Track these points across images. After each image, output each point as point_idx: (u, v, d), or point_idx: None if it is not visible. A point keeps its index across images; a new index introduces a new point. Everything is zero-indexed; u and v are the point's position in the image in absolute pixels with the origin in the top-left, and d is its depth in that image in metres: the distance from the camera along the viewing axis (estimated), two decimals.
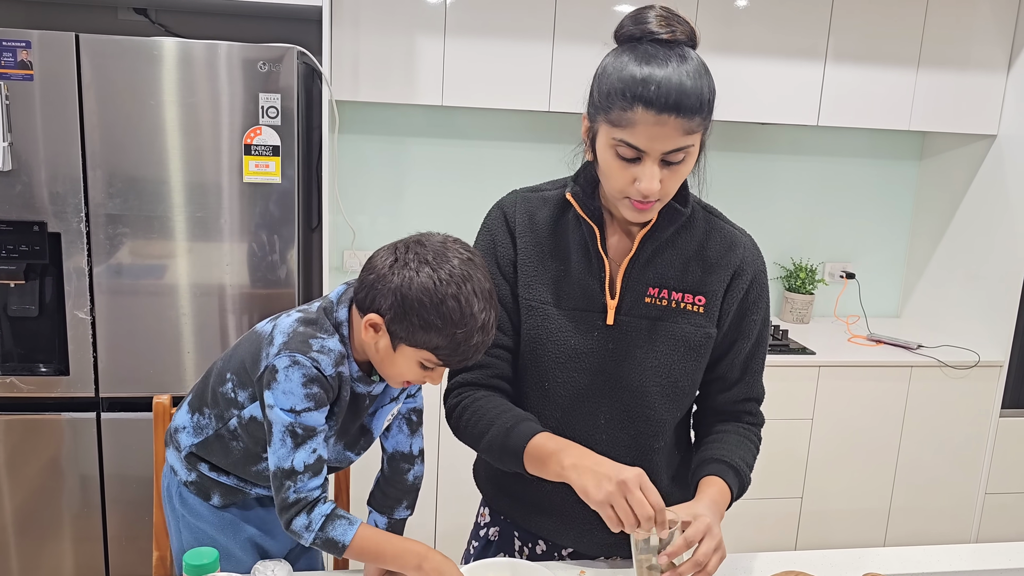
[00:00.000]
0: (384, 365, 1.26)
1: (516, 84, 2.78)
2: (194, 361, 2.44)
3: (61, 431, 2.41)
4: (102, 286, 2.35)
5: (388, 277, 1.19)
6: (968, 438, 3.14)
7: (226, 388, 1.32)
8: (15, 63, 2.18)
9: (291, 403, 1.20)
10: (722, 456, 1.39)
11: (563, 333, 1.35)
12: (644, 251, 1.34)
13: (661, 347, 1.34)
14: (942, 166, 3.41)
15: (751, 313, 1.39)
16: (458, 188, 3.19)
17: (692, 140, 1.19)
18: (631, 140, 1.18)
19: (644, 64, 1.17)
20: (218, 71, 2.29)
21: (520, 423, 1.32)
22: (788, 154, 3.42)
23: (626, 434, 1.38)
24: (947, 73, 3.03)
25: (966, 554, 1.60)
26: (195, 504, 1.42)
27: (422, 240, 1.22)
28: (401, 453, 1.46)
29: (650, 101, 1.15)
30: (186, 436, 1.39)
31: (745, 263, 1.37)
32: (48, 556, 2.49)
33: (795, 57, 2.92)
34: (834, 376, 2.99)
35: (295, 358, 1.20)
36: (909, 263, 3.60)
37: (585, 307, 1.35)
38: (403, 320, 1.18)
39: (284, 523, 1.24)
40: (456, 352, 1.20)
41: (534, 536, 1.50)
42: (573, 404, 1.38)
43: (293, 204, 2.40)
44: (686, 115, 1.16)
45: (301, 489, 1.22)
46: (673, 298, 1.35)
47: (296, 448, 1.22)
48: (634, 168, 1.21)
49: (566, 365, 1.36)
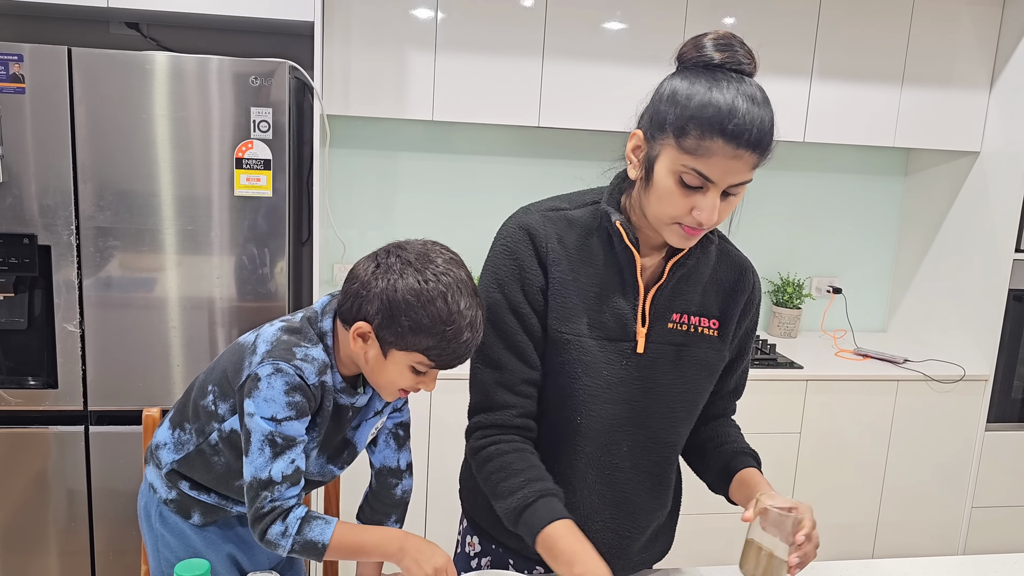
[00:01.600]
0: (376, 375, 1.25)
1: (506, 99, 2.80)
2: (183, 374, 2.44)
3: (49, 444, 2.40)
4: (92, 299, 2.35)
5: (372, 283, 1.19)
6: (954, 452, 3.16)
7: (207, 401, 1.31)
8: (7, 76, 2.18)
9: (272, 411, 1.20)
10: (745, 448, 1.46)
11: (597, 365, 1.31)
12: (672, 277, 1.33)
13: (687, 372, 1.35)
14: (926, 182, 3.45)
15: (751, 334, 1.44)
16: (448, 203, 3.21)
17: (753, 174, 1.18)
18: (703, 170, 1.15)
19: (725, 94, 1.14)
20: (209, 85, 2.30)
21: (542, 498, 1.25)
22: (775, 170, 3.46)
23: (648, 460, 1.38)
24: (931, 90, 3.07)
25: (954, 566, 1.62)
26: (175, 523, 1.40)
27: (402, 245, 1.23)
28: (389, 468, 1.46)
29: (733, 135, 1.13)
30: (167, 453, 1.37)
31: (756, 289, 1.42)
32: (34, 570, 2.47)
33: (781, 74, 2.96)
34: (821, 390, 3.00)
35: (278, 366, 1.20)
36: (895, 278, 3.63)
37: (617, 336, 1.32)
38: (392, 324, 1.18)
39: (258, 534, 1.22)
40: (447, 351, 1.20)
41: (531, 563, 1.45)
42: (601, 433, 1.34)
43: (284, 218, 2.41)
44: (761, 152, 1.15)
45: (278, 498, 1.21)
46: (692, 323, 1.35)
47: (275, 458, 1.21)
48: (695, 197, 1.18)
49: (599, 397, 1.32)
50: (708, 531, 2.99)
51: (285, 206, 2.40)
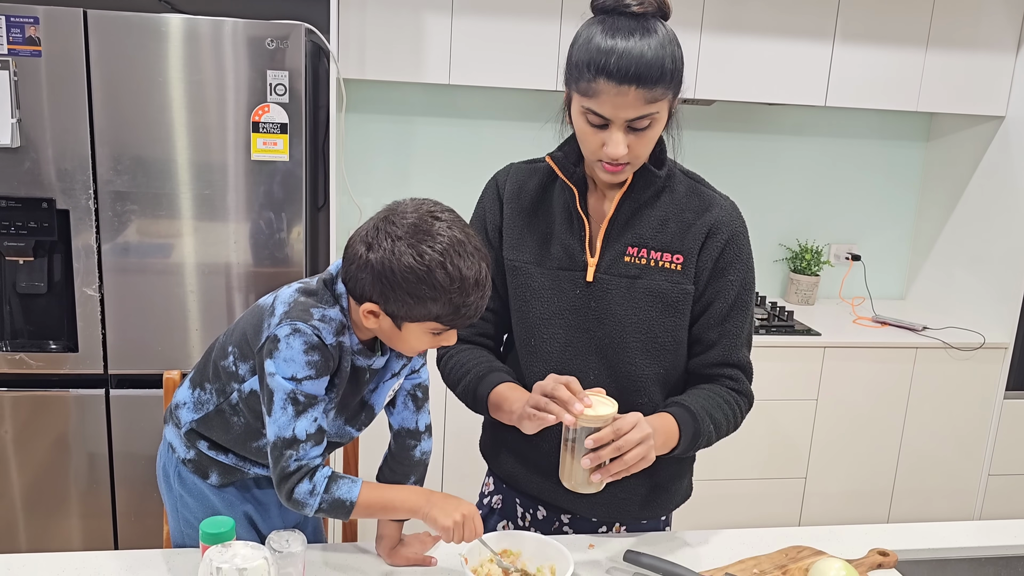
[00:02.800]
0: (395, 344, 1.27)
1: (523, 63, 2.77)
2: (201, 338, 2.45)
3: (70, 407, 2.43)
4: (110, 263, 2.36)
5: (369, 265, 1.18)
6: (972, 419, 3.15)
7: (227, 362, 1.32)
8: (23, 39, 2.17)
9: (292, 371, 1.20)
10: (682, 401, 1.41)
11: (546, 291, 1.43)
12: (623, 212, 1.41)
13: (639, 303, 1.40)
14: (949, 147, 3.40)
15: (727, 273, 1.42)
16: (464, 167, 3.19)
17: (656, 108, 1.26)
18: (596, 108, 1.26)
19: (608, 37, 1.23)
20: (225, 48, 2.28)
21: (490, 373, 1.44)
22: (794, 135, 3.41)
23: (610, 391, 1.40)
24: (956, 53, 3.01)
25: (972, 531, 1.62)
26: (193, 483, 1.41)
27: (391, 219, 1.19)
28: (407, 429, 1.47)
29: (611, 73, 1.22)
30: (186, 412, 1.38)
31: (720, 223, 1.41)
32: (57, 531, 2.51)
33: (803, 37, 2.91)
34: (839, 357, 2.99)
35: (296, 326, 1.20)
36: (915, 245, 3.60)
37: (567, 266, 1.43)
38: (397, 300, 1.18)
39: (285, 494, 1.23)
40: (458, 314, 1.20)
41: (534, 501, 1.55)
42: (561, 361, 1.44)
43: (300, 182, 2.40)
44: (646, 85, 1.23)
45: (303, 457, 1.22)
46: (652, 256, 1.40)
47: (297, 416, 1.21)
48: (602, 134, 1.28)
49: (550, 322, 1.43)
50: (720, 497, 3.01)
51: (302, 171, 2.40)
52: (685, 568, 1.36)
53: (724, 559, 1.45)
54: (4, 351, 2.36)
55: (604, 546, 1.46)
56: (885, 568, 1.46)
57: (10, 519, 2.48)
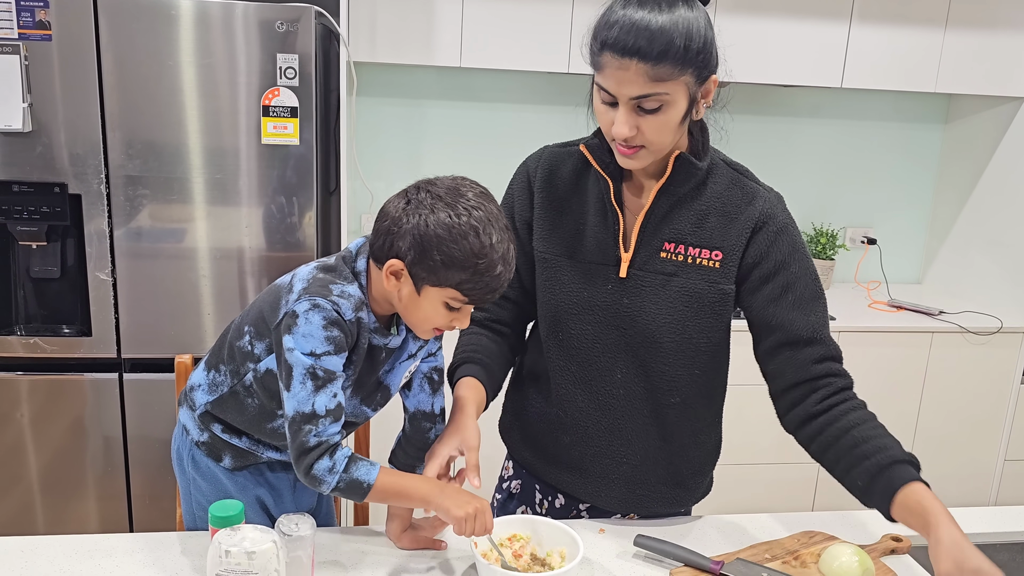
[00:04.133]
0: (409, 312, 1.25)
1: (535, 45, 2.74)
2: (214, 323, 2.46)
3: (84, 391, 2.44)
4: (123, 248, 2.36)
5: (404, 219, 1.19)
6: (988, 405, 3.12)
7: (243, 342, 1.32)
8: (33, 23, 2.17)
9: (311, 346, 1.20)
10: (898, 457, 1.26)
11: (576, 284, 1.38)
12: (660, 205, 1.34)
13: (674, 303, 1.34)
14: (968, 129, 3.35)
15: (789, 266, 1.33)
16: (476, 151, 3.17)
17: (664, 88, 1.18)
18: (601, 83, 1.21)
19: (621, 7, 1.18)
20: (235, 31, 2.27)
21: (464, 364, 1.44)
22: (810, 117, 3.37)
23: (641, 388, 1.40)
24: (975, 33, 2.96)
25: (987, 516, 1.60)
26: (206, 466, 1.41)
27: (432, 180, 1.22)
28: (423, 412, 1.47)
29: (612, 44, 1.17)
30: (201, 394, 1.38)
31: (766, 216, 1.33)
32: (73, 514, 2.53)
33: (819, 17, 2.87)
34: (854, 342, 2.96)
35: (315, 301, 1.20)
36: (932, 229, 3.56)
37: (599, 260, 1.37)
38: (424, 259, 1.18)
39: (303, 469, 1.21)
40: (480, 284, 1.19)
41: (553, 490, 1.53)
42: (589, 357, 1.40)
43: (311, 167, 2.40)
44: (648, 60, 1.16)
45: (322, 433, 1.21)
46: (689, 253, 1.33)
47: (317, 391, 1.20)
48: (612, 112, 1.23)
49: (579, 317, 1.38)
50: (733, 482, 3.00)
51: (312, 155, 2.39)
52: (696, 552, 1.35)
53: (736, 544, 1.44)
54: (19, 335, 2.38)
55: (615, 531, 1.46)
56: (899, 553, 1.45)
57: (27, 501, 2.50)
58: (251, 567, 1.09)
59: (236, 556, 1.08)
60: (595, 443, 1.44)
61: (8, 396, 2.41)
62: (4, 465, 2.46)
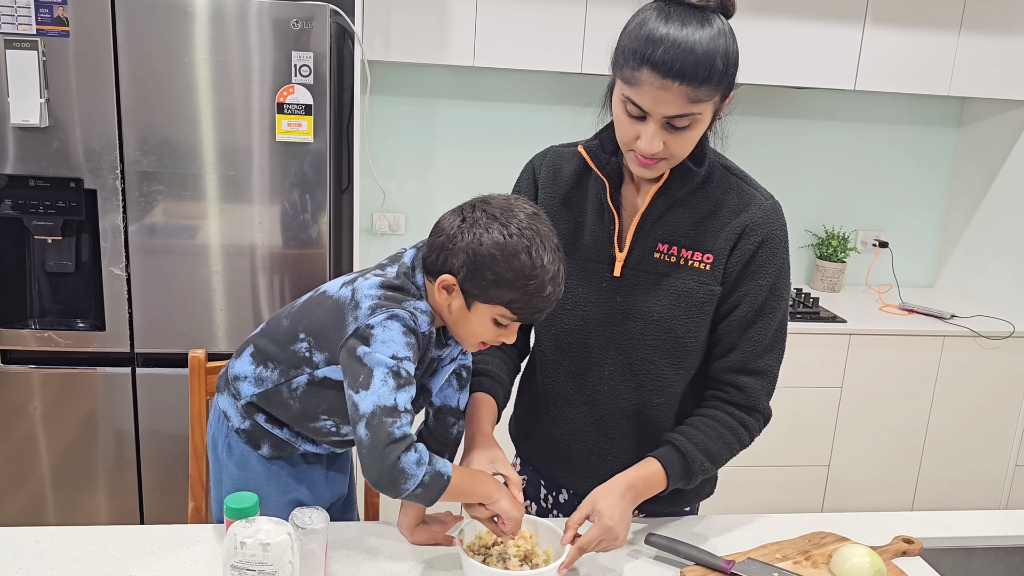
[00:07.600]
0: (459, 326, 1.28)
1: (548, 45, 2.75)
2: (226, 319, 2.47)
3: (97, 385, 2.46)
4: (137, 244, 2.38)
5: (458, 237, 1.21)
6: (1000, 409, 3.11)
7: (299, 347, 1.31)
8: (51, 19, 2.19)
9: (392, 350, 1.21)
10: (674, 438, 1.38)
11: (572, 281, 1.40)
12: (656, 207, 1.37)
13: (664, 302, 1.37)
14: (981, 133, 3.34)
15: (757, 277, 1.35)
16: (488, 151, 3.18)
17: (699, 108, 1.20)
18: (635, 99, 1.20)
19: (660, 25, 1.17)
20: (250, 28, 2.28)
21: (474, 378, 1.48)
22: (822, 119, 3.37)
23: (628, 387, 1.42)
24: (990, 37, 2.95)
25: (998, 519, 1.60)
26: (241, 453, 1.41)
27: (487, 199, 1.25)
28: (449, 407, 1.48)
29: (656, 64, 1.16)
30: (247, 385, 1.38)
31: (755, 223, 1.34)
32: (85, 507, 2.55)
33: (833, 19, 2.87)
34: (865, 345, 2.96)
35: (393, 312, 1.22)
36: (944, 232, 3.54)
37: (595, 258, 1.41)
38: (476, 277, 1.20)
39: (389, 462, 1.17)
40: (529, 304, 1.22)
41: (558, 486, 1.57)
42: (582, 353, 1.44)
43: (325, 164, 2.41)
44: (690, 83, 1.16)
45: (404, 427, 1.20)
46: (682, 255, 1.37)
47: (399, 388, 1.20)
48: (639, 126, 1.23)
49: (573, 313, 1.42)
50: (743, 483, 3.00)
51: (326, 153, 2.40)
52: (707, 552, 1.36)
53: (746, 544, 1.44)
54: (33, 329, 2.40)
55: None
56: (910, 556, 1.44)
57: (39, 494, 2.52)
58: (266, 559, 1.09)
59: (251, 547, 1.09)
60: (582, 438, 1.48)
61: (22, 389, 2.43)
62: (17, 457, 2.48)
